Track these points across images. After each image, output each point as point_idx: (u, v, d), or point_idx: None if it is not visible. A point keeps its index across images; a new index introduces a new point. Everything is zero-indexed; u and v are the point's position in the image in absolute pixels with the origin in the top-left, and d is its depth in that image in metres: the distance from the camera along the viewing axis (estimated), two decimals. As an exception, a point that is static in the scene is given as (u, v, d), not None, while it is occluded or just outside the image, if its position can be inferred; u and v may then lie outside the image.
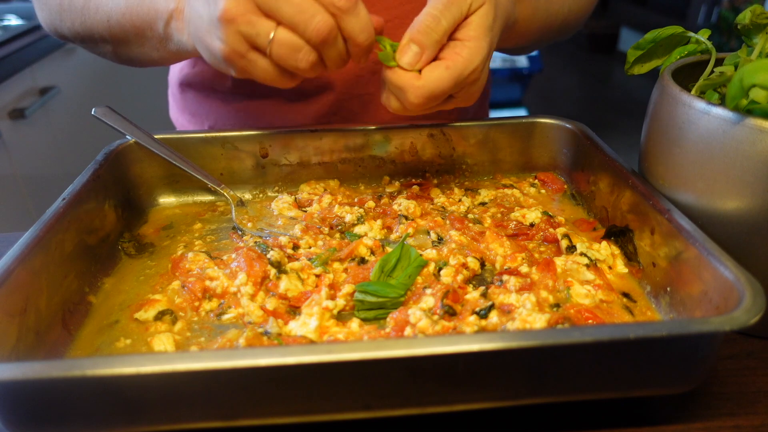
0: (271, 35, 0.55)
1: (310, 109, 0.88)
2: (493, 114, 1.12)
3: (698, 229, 0.52)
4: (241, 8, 0.54)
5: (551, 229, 0.66)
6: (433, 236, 0.67)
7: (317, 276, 0.60)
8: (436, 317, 0.54)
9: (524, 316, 0.53)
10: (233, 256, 0.63)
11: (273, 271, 0.60)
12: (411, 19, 0.60)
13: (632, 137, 0.74)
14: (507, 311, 0.55)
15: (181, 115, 0.99)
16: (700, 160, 0.54)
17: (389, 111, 0.63)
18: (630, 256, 0.62)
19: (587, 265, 0.60)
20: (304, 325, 0.53)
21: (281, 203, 0.74)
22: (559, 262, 0.60)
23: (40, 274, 0.52)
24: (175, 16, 0.66)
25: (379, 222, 0.69)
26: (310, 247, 0.65)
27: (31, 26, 1.70)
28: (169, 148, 0.73)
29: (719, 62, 0.61)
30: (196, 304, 0.57)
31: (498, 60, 3.25)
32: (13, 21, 1.83)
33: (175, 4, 0.65)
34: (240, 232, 0.69)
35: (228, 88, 0.89)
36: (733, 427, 0.48)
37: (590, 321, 0.53)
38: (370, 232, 0.68)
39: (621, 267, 0.61)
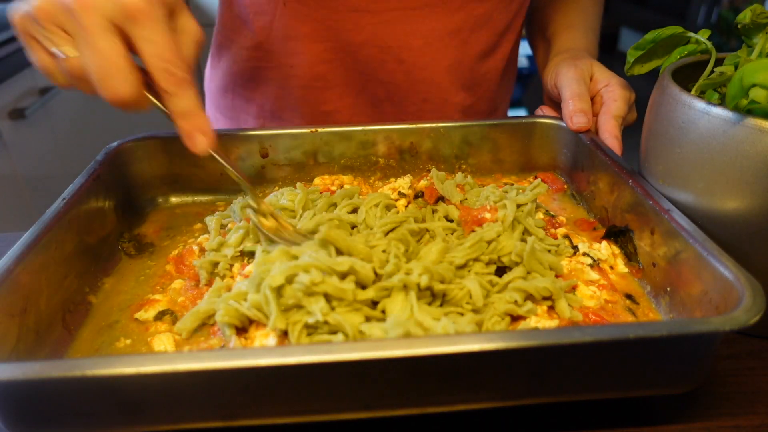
0: (62, 55, 0.51)
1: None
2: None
3: (698, 229, 0.52)
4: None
5: (552, 229, 0.66)
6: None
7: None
8: (436, 317, 0.54)
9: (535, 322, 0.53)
10: (233, 256, 0.63)
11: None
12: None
13: (632, 137, 0.74)
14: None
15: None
16: (700, 160, 0.54)
17: None
18: (630, 256, 0.62)
19: (591, 265, 0.60)
20: (304, 325, 0.53)
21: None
22: (564, 262, 0.60)
23: (40, 274, 0.52)
24: None
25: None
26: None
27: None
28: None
29: (719, 62, 0.61)
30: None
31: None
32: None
33: None
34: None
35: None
36: (733, 427, 0.48)
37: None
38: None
39: (621, 267, 0.61)
